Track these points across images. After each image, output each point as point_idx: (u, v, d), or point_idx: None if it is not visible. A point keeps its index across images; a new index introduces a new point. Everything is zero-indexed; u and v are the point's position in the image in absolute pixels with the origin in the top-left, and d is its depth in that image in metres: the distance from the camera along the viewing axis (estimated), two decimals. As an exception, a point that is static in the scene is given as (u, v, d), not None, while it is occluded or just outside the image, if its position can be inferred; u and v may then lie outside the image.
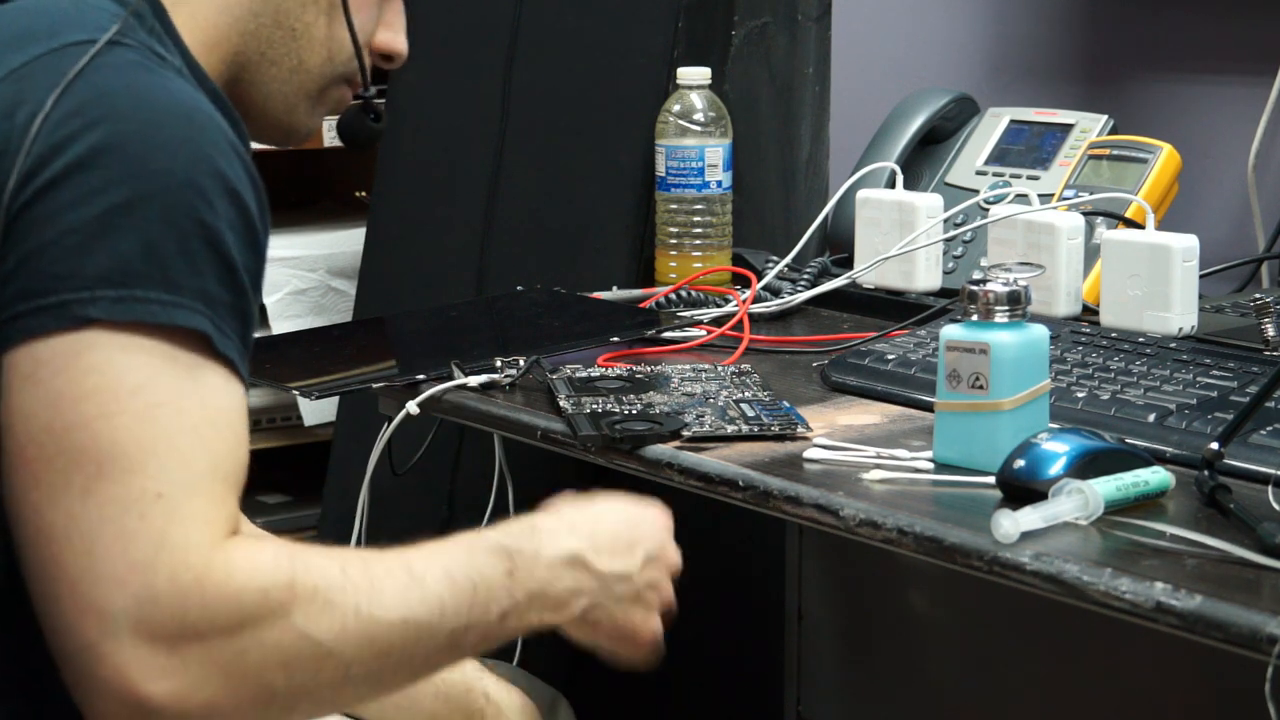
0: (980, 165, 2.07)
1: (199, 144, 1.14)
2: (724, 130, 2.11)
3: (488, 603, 1.18)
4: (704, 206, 2.10)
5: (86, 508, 1.06)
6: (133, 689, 1.06)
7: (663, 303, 2.00)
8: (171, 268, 1.10)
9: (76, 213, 1.10)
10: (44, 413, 1.08)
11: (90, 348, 1.08)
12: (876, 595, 1.84)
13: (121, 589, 1.06)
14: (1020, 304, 1.38)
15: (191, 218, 1.12)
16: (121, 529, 1.06)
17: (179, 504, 1.07)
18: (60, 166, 1.11)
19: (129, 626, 1.06)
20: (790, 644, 1.96)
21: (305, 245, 2.75)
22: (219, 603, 1.07)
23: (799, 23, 2.28)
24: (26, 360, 1.09)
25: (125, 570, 1.06)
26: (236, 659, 1.08)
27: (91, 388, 1.08)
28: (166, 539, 1.07)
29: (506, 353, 1.73)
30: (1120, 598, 1.15)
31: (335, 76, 1.38)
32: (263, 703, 1.10)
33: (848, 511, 1.33)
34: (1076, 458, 1.29)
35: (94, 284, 1.09)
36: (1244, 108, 2.06)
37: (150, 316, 1.09)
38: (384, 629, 1.13)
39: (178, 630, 1.06)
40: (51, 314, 1.08)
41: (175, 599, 1.06)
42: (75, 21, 1.19)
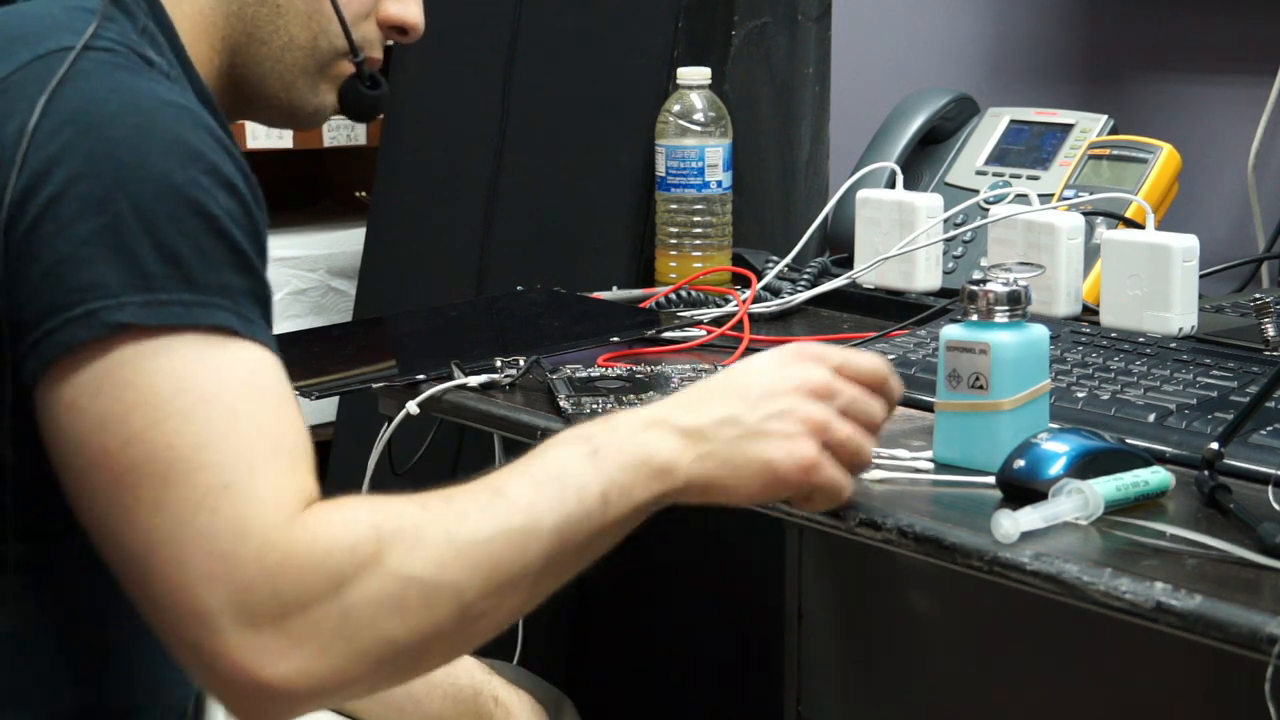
0: (980, 165, 2.07)
1: (190, 142, 1.14)
2: (724, 130, 2.11)
3: (580, 489, 1.14)
4: (704, 206, 2.10)
5: (162, 519, 1.07)
6: (256, 678, 1.06)
7: (663, 303, 2.00)
8: (189, 266, 1.11)
9: (85, 225, 1.10)
10: (96, 437, 1.08)
11: (122, 361, 1.08)
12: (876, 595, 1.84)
13: (215, 586, 1.06)
14: (1020, 304, 1.38)
15: (197, 214, 1.12)
16: (199, 529, 1.06)
17: (247, 488, 1.07)
18: (61, 180, 1.11)
19: (231, 620, 1.06)
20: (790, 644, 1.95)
21: (305, 245, 2.76)
22: (310, 571, 1.06)
23: (799, 23, 2.28)
24: (65, 388, 1.09)
25: (213, 567, 1.06)
26: (345, 620, 1.07)
27: (132, 402, 1.08)
28: (245, 526, 1.06)
29: (506, 353, 1.73)
30: (1120, 598, 1.15)
31: (333, 51, 1.37)
32: (390, 656, 1.09)
33: (848, 511, 1.32)
34: (1076, 458, 1.29)
35: (119, 291, 1.09)
36: (1244, 108, 2.06)
37: (177, 318, 1.09)
38: (481, 547, 1.10)
39: (279, 609, 1.06)
40: (82, 324, 1.09)
41: (267, 580, 1.06)
42: (64, 25, 1.19)
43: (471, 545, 1.10)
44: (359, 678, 1.08)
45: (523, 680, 1.64)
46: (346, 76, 1.40)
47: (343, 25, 1.37)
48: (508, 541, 1.11)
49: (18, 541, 1.18)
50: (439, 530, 1.10)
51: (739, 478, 1.20)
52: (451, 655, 1.14)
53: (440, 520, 1.10)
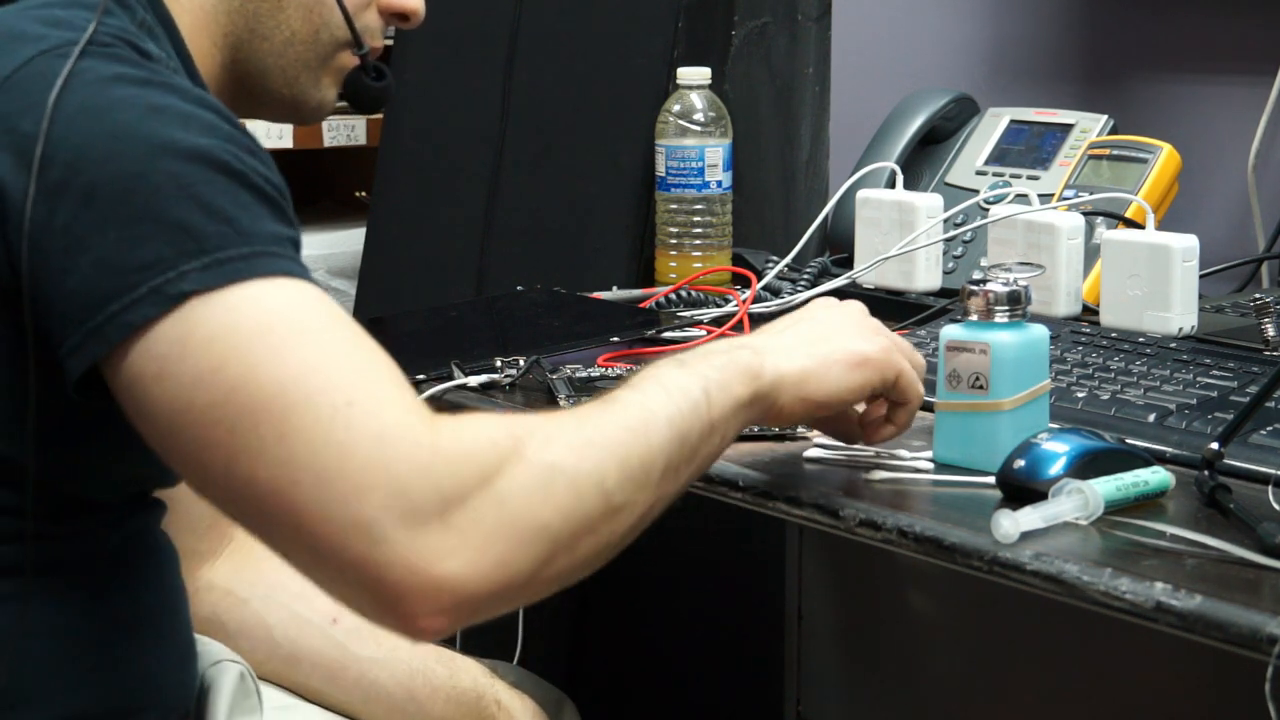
0: (980, 165, 2.07)
1: (202, 115, 1.15)
2: (724, 130, 2.11)
3: (681, 388, 1.18)
4: (704, 206, 2.10)
5: (294, 449, 1.06)
6: (429, 578, 1.05)
7: (663, 303, 2.00)
8: (237, 220, 1.11)
9: (129, 204, 1.10)
10: (198, 397, 1.07)
11: (198, 322, 1.08)
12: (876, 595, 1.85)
13: (370, 495, 1.04)
14: (1020, 304, 1.38)
15: (228, 172, 1.12)
16: (338, 445, 1.05)
17: (371, 397, 1.07)
18: (90, 168, 1.11)
19: (395, 522, 1.04)
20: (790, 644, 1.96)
21: (305, 245, 2.73)
22: (461, 463, 1.06)
23: (799, 23, 2.28)
24: (148, 362, 1.08)
25: (363, 477, 1.05)
26: (502, 508, 1.06)
27: (222, 354, 1.07)
28: (383, 432, 1.06)
29: (506, 353, 1.73)
30: (1120, 598, 1.15)
31: (334, 43, 1.37)
32: (547, 545, 1.08)
33: (848, 511, 1.33)
34: (1076, 458, 1.29)
35: (175, 263, 1.09)
36: (1244, 108, 2.06)
37: (237, 274, 1.09)
38: (610, 436, 1.12)
39: (440, 502, 1.05)
40: (148, 302, 1.08)
41: (422, 476, 1.05)
42: (64, 21, 1.19)
43: (601, 435, 1.12)
44: (524, 569, 1.07)
45: (523, 680, 1.64)
46: (349, 69, 1.40)
47: (345, 16, 1.37)
48: (631, 432, 1.14)
49: (33, 545, 1.18)
50: (568, 426, 1.12)
51: (827, 365, 1.27)
52: (601, 553, 1.13)
53: (565, 419, 1.13)
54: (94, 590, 1.23)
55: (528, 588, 1.09)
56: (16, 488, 1.17)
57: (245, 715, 1.41)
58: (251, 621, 1.53)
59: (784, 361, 1.26)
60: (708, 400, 1.19)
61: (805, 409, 1.28)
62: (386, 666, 1.52)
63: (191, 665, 1.36)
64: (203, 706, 1.39)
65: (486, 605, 1.08)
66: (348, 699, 1.54)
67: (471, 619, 1.08)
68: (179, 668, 1.33)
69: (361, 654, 1.52)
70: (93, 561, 1.24)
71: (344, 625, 1.53)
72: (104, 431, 1.18)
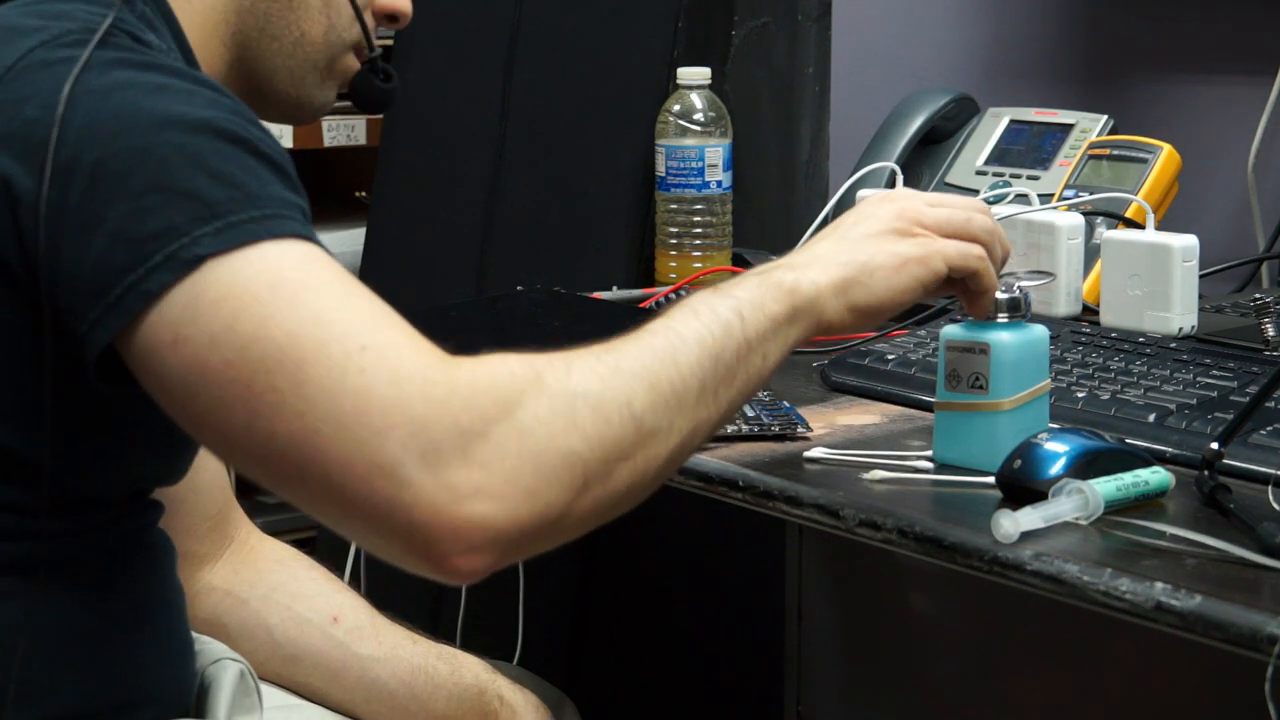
0: (980, 165, 2.07)
1: (206, 91, 1.16)
2: (724, 130, 2.11)
3: (711, 310, 1.16)
4: (704, 206, 2.10)
5: (310, 397, 1.05)
6: (458, 514, 1.04)
7: (663, 303, 2.00)
8: (246, 185, 1.11)
9: (139, 176, 1.10)
10: (213, 356, 1.07)
11: (208, 284, 1.08)
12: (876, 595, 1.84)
13: (390, 435, 1.04)
14: (1020, 304, 1.38)
15: (235, 140, 1.13)
16: (354, 389, 1.05)
17: (384, 341, 1.07)
18: (98, 145, 1.11)
19: (417, 462, 1.03)
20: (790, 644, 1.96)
21: (305, 245, 2.75)
22: (480, 395, 1.05)
23: (799, 23, 2.28)
24: (161, 330, 1.08)
25: (382, 420, 1.04)
26: (524, 439, 1.05)
27: (233, 311, 1.07)
28: (398, 372, 1.05)
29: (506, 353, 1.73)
30: (1120, 598, 1.15)
31: (340, 45, 1.38)
32: (578, 473, 1.07)
33: (848, 511, 1.33)
34: (1076, 458, 1.29)
35: (188, 229, 1.09)
36: (1244, 108, 2.06)
37: (250, 236, 1.09)
38: (634, 361, 1.11)
39: (460, 437, 1.04)
40: (163, 269, 1.08)
41: (441, 413, 1.04)
42: (63, 13, 1.20)
43: (624, 360, 1.11)
44: (556, 500, 1.06)
45: (523, 680, 1.64)
46: (351, 71, 1.40)
47: (359, 18, 1.37)
48: (658, 356, 1.12)
49: (35, 542, 1.18)
50: (591, 355, 1.10)
51: (870, 270, 1.24)
52: (639, 481, 1.11)
53: (588, 351, 1.11)
54: (92, 587, 1.23)
55: (564, 520, 1.07)
56: (20, 483, 1.17)
57: (245, 713, 1.41)
58: (252, 622, 1.53)
59: (821, 275, 1.22)
60: (741, 321, 1.17)
61: (856, 318, 1.24)
62: (388, 665, 1.52)
63: (190, 663, 1.36)
64: (203, 704, 1.39)
65: (523, 540, 1.06)
66: (349, 698, 1.54)
67: (512, 556, 1.07)
68: (177, 664, 1.33)
69: (362, 653, 1.52)
70: (91, 558, 1.24)
71: (344, 624, 1.53)
72: (110, 426, 1.19)
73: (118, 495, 1.26)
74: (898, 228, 1.26)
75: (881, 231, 1.26)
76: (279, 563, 1.56)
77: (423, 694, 1.53)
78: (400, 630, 1.54)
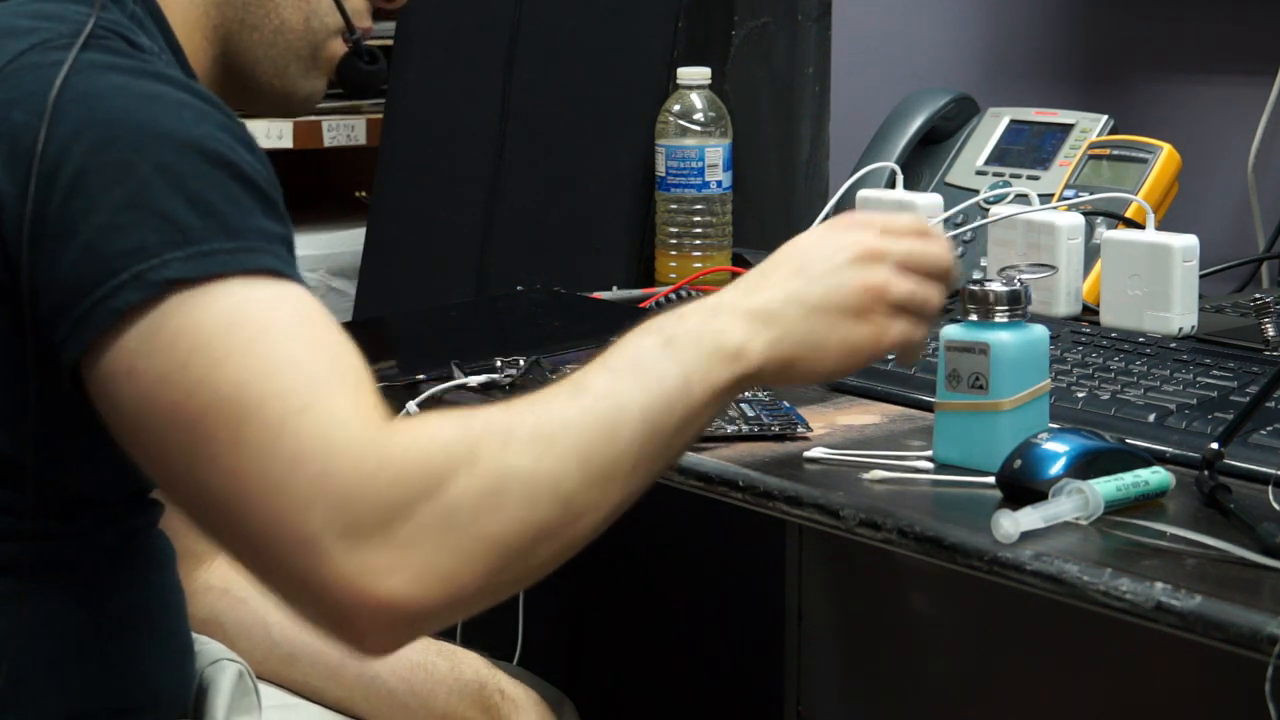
0: (980, 165, 2.07)
1: (197, 104, 1.15)
2: (724, 130, 2.11)
3: (660, 376, 1.13)
4: (704, 206, 2.10)
5: (245, 456, 1.05)
6: (372, 594, 1.03)
7: (663, 303, 2.00)
8: (224, 214, 1.11)
9: (116, 193, 1.10)
10: (162, 394, 1.07)
11: (170, 314, 1.07)
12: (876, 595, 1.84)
13: (313, 508, 1.03)
14: (1020, 304, 1.38)
15: (221, 164, 1.12)
16: (286, 455, 1.04)
17: (324, 406, 1.06)
18: (81, 154, 1.11)
19: (336, 538, 1.03)
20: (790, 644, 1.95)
21: (305, 245, 2.74)
22: (407, 472, 1.04)
23: (799, 23, 2.28)
24: (119, 357, 1.08)
25: (308, 489, 1.04)
26: (449, 519, 1.04)
27: (188, 349, 1.07)
28: (331, 442, 1.05)
29: (506, 353, 1.73)
30: (1120, 598, 1.15)
31: (323, 31, 1.37)
32: (498, 555, 1.06)
33: (848, 511, 1.33)
34: (1076, 458, 1.29)
35: (160, 250, 1.08)
36: (1244, 108, 2.06)
37: (221, 266, 1.09)
38: (573, 435, 1.09)
39: (382, 515, 1.03)
40: (130, 288, 1.08)
41: (365, 488, 1.04)
42: (54, 14, 1.19)
43: (563, 434, 1.09)
44: (471, 582, 1.05)
45: (523, 680, 1.64)
46: (339, 58, 1.40)
47: (338, 2, 1.37)
48: (598, 428, 1.10)
49: (31, 543, 1.18)
50: (528, 424, 1.08)
51: (815, 354, 1.19)
52: (561, 554, 1.10)
53: (527, 415, 1.09)
54: (91, 589, 1.23)
55: (480, 597, 1.07)
56: (14, 486, 1.17)
57: (243, 714, 1.41)
58: (250, 621, 1.53)
59: (771, 349, 1.17)
60: (687, 390, 1.13)
61: (786, 384, 1.24)
62: (386, 662, 1.52)
63: (189, 664, 1.36)
64: (201, 706, 1.39)
65: (436, 619, 1.06)
66: (348, 695, 1.54)
67: (422, 633, 1.07)
68: (177, 667, 1.33)
69: None
70: (90, 560, 1.24)
71: None
72: (97, 428, 1.18)
73: (114, 496, 1.26)
74: (860, 305, 1.20)
75: (843, 306, 1.20)
76: None
77: (422, 690, 1.52)
78: None
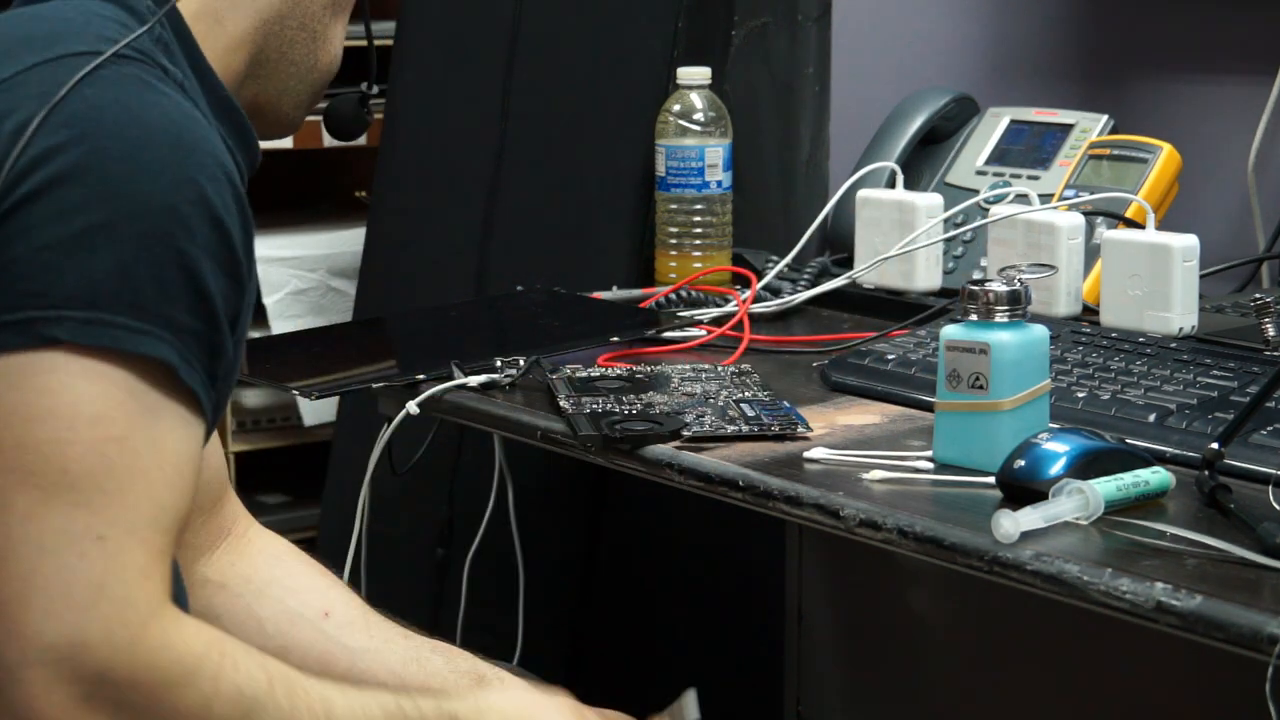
0: (980, 165, 2.07)
1: (185, 167, 1.12)
2: (724, 130, 2.11)
3: None
4: (704, 206, 2.10)
5: (27, 532, 1.05)
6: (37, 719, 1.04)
7: (663, 303, 2.00)
8: (141, 293, 1.08)
9: (52, 229, 1.08)
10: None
11: (51, 369, 1.06)
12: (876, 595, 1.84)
13: (54, 624, 1.04)
14: (1020, 304, 1.38)
15: (168, 244, 1.10)
16: (62, 564, 1.04)
17: (119, 550, 1.05)
18: (40, 180, 1.09)
19: (52, 661, 1.04)
20: (790, 644, 1.96)
21: (305, 245, 2.76)
22: (146, 666, 1.05)
23: (799, 23, 2.29)
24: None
25: (61, 607, 1.04)
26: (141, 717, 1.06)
27: (46, 410, 1.06)
28: (105, 587, 1.05)
29: (506, 353, 1.73)
30: (1120, 598, 1.15)
31: (331, 75, 1.39)
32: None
33: (848, 511, 1.33)
34: (1077, 458, 1.29)
35: (61, 304, 1.06)
36: (1244, 108, 2.06)
37: (115, 342, 1.07)
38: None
39: (99, 679, 1.04)
40: (16, 330, 1.06)
41: (106, 651, 1.04)
42: (78, 31, 1.18)
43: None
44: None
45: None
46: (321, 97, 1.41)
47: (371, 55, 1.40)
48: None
49: None
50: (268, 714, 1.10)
51: None
52: None
53: (273, 708, 1.11)
54: None
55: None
56: None
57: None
58: (243, 615, 1.53)
59: None
60: None
61: None
62: (379, 656, 1.52)
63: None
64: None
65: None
66: None
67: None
68: None
69: (353, 645, 1.52)
70: None
71: (336, 619, 1.52)
72: None
73: None
74: None
75: None
76: (275, 558, 1.55)
77: (413, 682, 1.52)
78: (392, 626, 1.54)
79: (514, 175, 2.32)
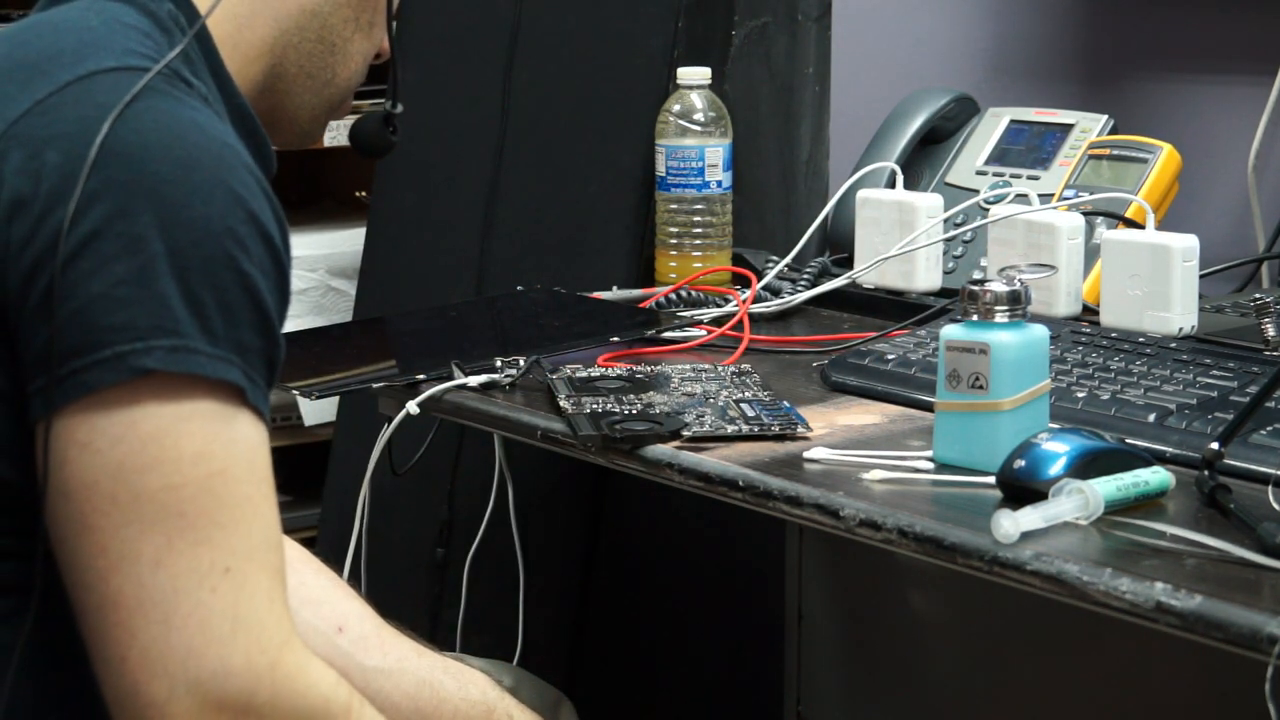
0: (980, 165, 2.07)
1: (232, 186, 1.14)
2: (724, 130, 2.11)
3: None
4: (704, 206, 2.10)
5: (158, 578, 1.09)
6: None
7: (663, 303, 2.00)
8: (211, 318, 1.11)
9: (122, 264, 1.10)
10: (107, 483, 1.09)
11: (147, 414, 1.09)
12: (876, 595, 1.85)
13: (198, 660, 1.09)
14: (1020, 304, 1.38)
15: (230, 267, 1.12)
16: (196, 602, 1.09)
17: (246, 578, 1.10)
18: (100, 216, 1.10)
19: (200, 695, 1.09)
20: (790, 644, 1.96)
21: (305, 245, 2.75)
22: (288, 692, 1.11)
23: (799, 23, 2.29)
24: (82, 427, 1.09)
25: (202, 643, 1.09)
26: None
27: (153, 459, 1.09)
28: (240, 616, 1.10)
29: (506, 353, 1.73)
30: (1120, 598, 1.15)
31: (352, 90, 1.40)
32: None
33: (848, 511, 1.33)
34: (1076, 458, 1.29)
35: (147, 334, 1.09)
36: (1244, 108, 2.06)
37: (199, 368, 1.10)
38: None
39: (244, 707, 1.10)
40: (110, 366, 1.09)
41: (249, 678, 1.10)
42: (104, 44, 1.18)
43: None
44: None
45: (522, 680, 1.64)
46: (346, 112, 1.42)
47: (394, 71, 1.41)
48: None
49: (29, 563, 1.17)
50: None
51: None
52: None
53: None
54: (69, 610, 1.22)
55: None
56: (12, 511, 1.16)
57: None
58: None
59: None
60: None
61: None
62: (392, 677, 1.52)
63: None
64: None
65: None
66: None
67: None
68: None
69: (367, 664, 1.52)
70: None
71: (350, 634, 1.52)
72: None
73: None
74: None
75: None
76: (288, 566, 1.55)
77: (427, 708, 1.52)
78: (406, 642, 1.53)
79: (514, 175, 2.32)
